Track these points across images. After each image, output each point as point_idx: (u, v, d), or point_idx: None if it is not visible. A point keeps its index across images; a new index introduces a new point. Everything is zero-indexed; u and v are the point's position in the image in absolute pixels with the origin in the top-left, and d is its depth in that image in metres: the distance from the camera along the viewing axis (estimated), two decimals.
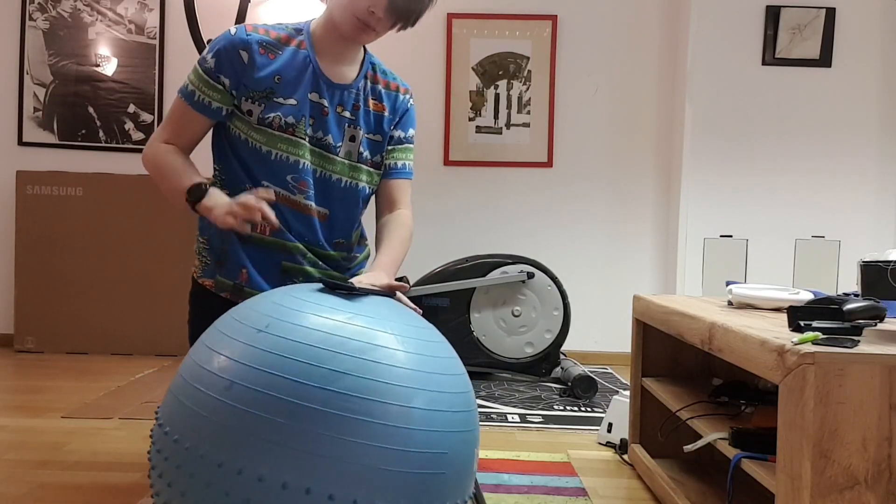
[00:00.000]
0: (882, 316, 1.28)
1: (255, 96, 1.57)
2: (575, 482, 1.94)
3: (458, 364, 1.27)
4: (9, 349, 3.62)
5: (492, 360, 3.26)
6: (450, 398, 1.16)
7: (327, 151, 1.61)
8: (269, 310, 1.17)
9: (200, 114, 1.58)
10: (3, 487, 1.81)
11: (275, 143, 1.57)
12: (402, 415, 1.09)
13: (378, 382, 1.09)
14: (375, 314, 1.19)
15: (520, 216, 3.80)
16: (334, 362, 1.08)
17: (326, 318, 1.14)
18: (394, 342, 1.14)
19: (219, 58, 1.56)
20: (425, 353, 1.18)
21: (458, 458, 1.16)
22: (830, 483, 1.09)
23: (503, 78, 3.76)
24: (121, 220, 3.60)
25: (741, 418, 1.53)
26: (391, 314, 1.22)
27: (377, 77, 1.69)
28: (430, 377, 1.15)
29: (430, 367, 1.16)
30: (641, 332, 2.03)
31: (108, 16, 3.76)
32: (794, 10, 3.54)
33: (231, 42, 1.56)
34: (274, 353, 1.09)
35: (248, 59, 1.55)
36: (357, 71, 1.65)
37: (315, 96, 1.59)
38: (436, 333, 1.28)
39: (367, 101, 1.66)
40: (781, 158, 3.60)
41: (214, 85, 1.56)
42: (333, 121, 1.61)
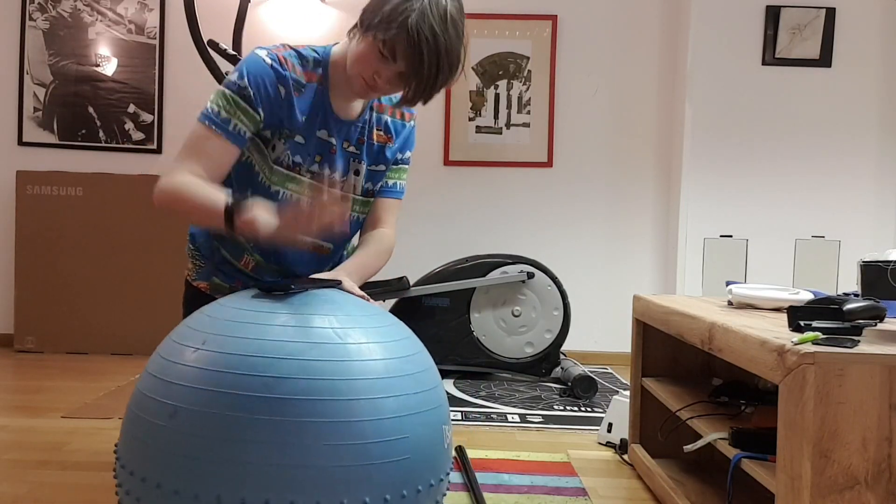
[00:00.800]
0: (882, 316, 1.28)
1: (285, 135, 1.49)
2: (575, 482, 1.94)
3: (413, 344, 1.25)
4: (9, 349, 3.62)
5: (492, 360, 3.26)
6: (402, 382, 1.15)
7: (331, 188, 1.57)
8: (205, 325, 1.16)
9: (234, 145, 1.44)
10: (3, 487, 1.81)
11: (283, 183, 1.52)
12: (350, 409, 1.07)
13: (321, 381, 1.07)
14: (314, 310, 1.17)
15: (520, 216, 3.80)
16: (273, 369, 1.07)
17: (262, 325, 1.13)
18: (334, 336, 1.13)
19: (258, 87, 1.44)
20: (371, 340, 1.16)
21: (421, 440, 1.15)
22: (830, 483, 1.09)
23: (503, 78, 3.76)
24: (121, 220, 3.60)
25: (741, 418, 1.53)
26: (331, 307, 1.20)
27: (382, 106, 1.62)
28: (376, 365, 1.13)
29: (377, 354, 1.15)
30: (641, 332, 2.03)
31: (108, 16, 3.76)
32: (794, 10, 3.54)
33: (268, 74, 1.45)
34: (212, 370, 1.08)
35: (286, 94, 1.46)
36: (363, 104, 1.59)
37: (324, 134, 1.53)
38: (386, 317, 1.26)
39: (371, 134, 1.60)
40: (781, 158, 3.60)
41: (252, 114, 1.44)
42: (340, 157, 1.57)
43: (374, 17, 1.37)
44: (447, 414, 1.28)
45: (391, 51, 1.36)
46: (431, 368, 1.27)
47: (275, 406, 1.05)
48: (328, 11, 3.77)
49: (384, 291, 3.16)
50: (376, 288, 3.15)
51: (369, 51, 1.38)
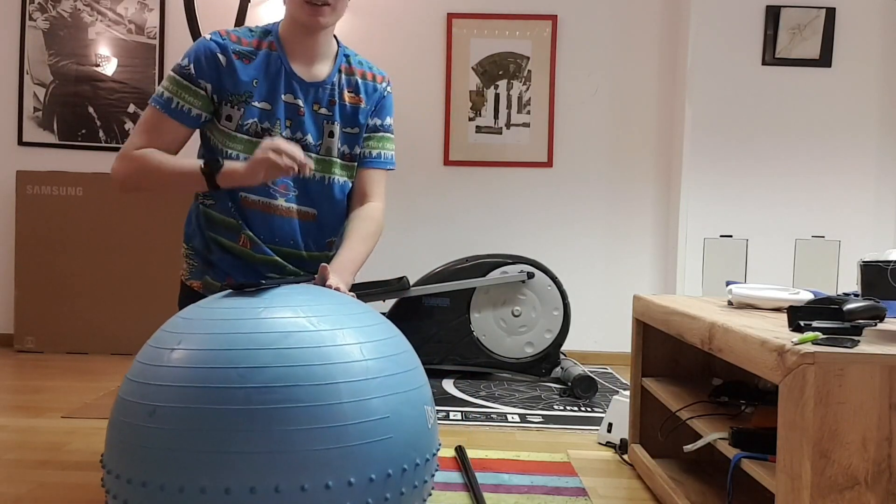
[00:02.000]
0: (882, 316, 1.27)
1: (235, 100, 1.55)
2: (575, 482, 1.94)
3: (387, 328, 1.28)
4: (9, 349, 3.62)
5: (492, 360, 3.26)
6: (378, 364, 1.17)
7: (307, 151, 1.59)
8: (180, 327, 1.19)
9: (178, 121, 1.55)
10: (3, 487, 1.81)
11: (251, 150, 1.54)
12: (328, 392, 1.09)
13: (297, 367, 1.09)
14: (285, 302, 1.20)
15: (520, 216, 3.80)
16: (249, 359, 1.09)
17: (236, 319, 1.15)
18: (307, 324, 1.16)
19: (198, 63, 1.54)
20: (344, 325, 1.19)
21: (403, 419, 1.16)
22: (830, 483, 1.09)
23: (503, 78, 3.76)
24: (121, 220, 3.60)
25: (741, 418, 1.53)
26: (303, 298, 1.23)
27: (352, 68, 1.67)
28: (351, 349, 1.16)
29: (351, 339, 1.17)
30: (641, 332, 2.03)
31: (108, 16, 3.76)
32: (794, 10, 3.54)
33: (208, 47, 1.55)
34: (189, 367, 1.10)
35: (227, 62, 1.55)
36: (331, 66, 1.63)
37: (290, 97, 1.58)
38: (357, 305, 1.29)
39: (342, 95, 1.64)
40: (781, 158, 3.60)
41: (195, 90, 1.54)
42: (311, 120, 1.60)
43: None
44: (429, 395, 1.30)
45: None
46: (409, 352, 1.29)
47: (254, 395, 1.06)
48: None
49: (384, 291, 3.16)
50: (376, 288, 3.15)
51: None
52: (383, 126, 1.71)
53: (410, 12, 3.76)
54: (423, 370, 1.31)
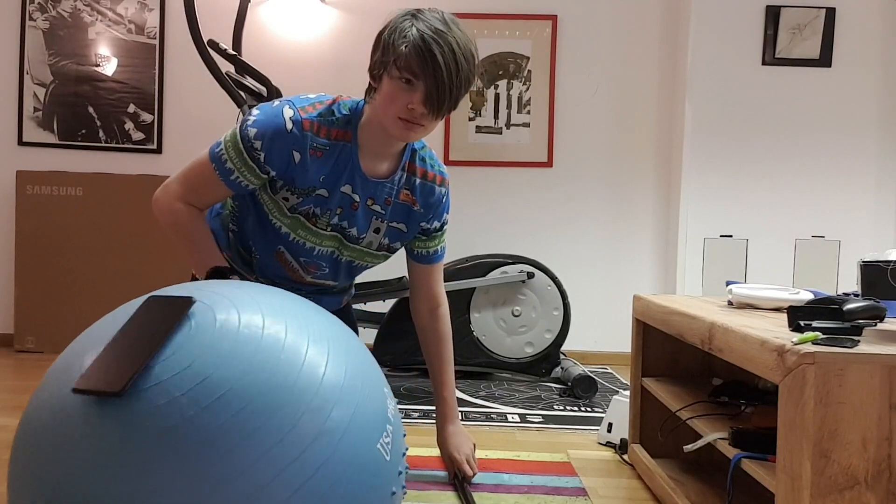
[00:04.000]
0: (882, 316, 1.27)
1: (299, 192, 1.52)
2: (575, 482, 1.94)
3: (319, 350, 1.04)
4: (9, 349, 3.62)
5: (492, 360, 3.26)
6: (320, 445, 0.96)
7: (348, 241, 1.60)
8: (46, 476, 0.96)
9: (231, 190, 1.51)
10: (3, 487, 1.81)
11: (296, 229, 1.55)
12: None
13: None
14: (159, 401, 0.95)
15: (520, 216, 3.80)
16: None
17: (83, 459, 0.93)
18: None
19: (270, 152, 1.46)
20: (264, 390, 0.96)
21: (359, 496, 1.00)
22: (830, 483, 1.09)
23: (503, 78, 3.76)
24: (121, 220, 3.60)
25: (741, 418, 1.53)
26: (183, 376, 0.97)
27: (415, 167, 1.63)
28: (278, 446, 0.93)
29: (276, 427, 0.94)
30: (641, 332, 2.03)
31: (108, 16, 3.76)
32: (794, 9, 3.54)
33: (285, 140, 1.46)
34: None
35: (300, 160, 1.48)
36: (396, 162, 1.60)
37: (348, 189, 1.55)
38: (292, 330, 1.05)
39: (399, 194, 1.62)
40: (781, 158, 3.60)
41: (258, 174, 1.48)
42: (362, 214, 1.59)
43: (381, 58, 1.42)
44: (383, 416, 1.08)
45: (409, 70, 1.38)
46: (349, 375, 1.05)
47: None
48: (328, 11, 3.77)
49: (384, 291, 3.15)
50: (376, 288, 3.15)
51: (391, 86, 1.41)
52: (442, 228, 1.77)
53: None
54: (374, 374, 1.12)
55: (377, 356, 3.27)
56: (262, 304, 1.08)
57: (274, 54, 3.74)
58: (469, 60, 1.41)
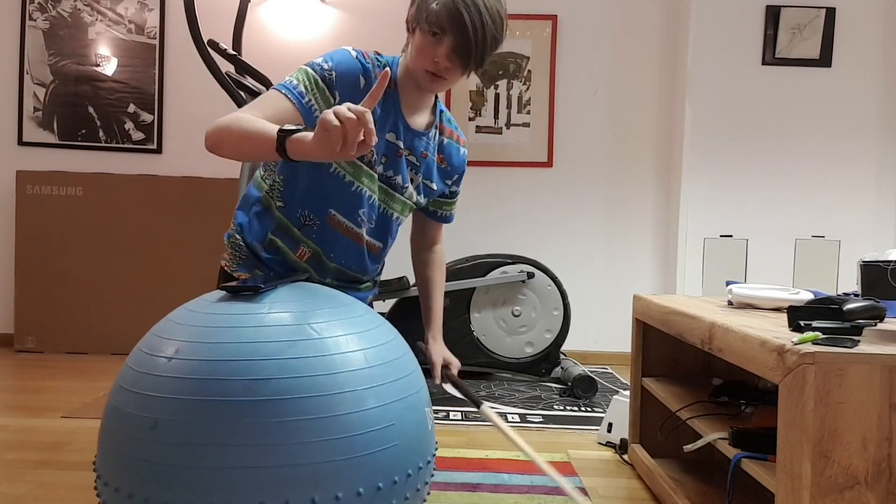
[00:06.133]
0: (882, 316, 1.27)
1: None
2: (575, 482, 1.94)
3: (387, 331, 1.27)
4: (9, 349, 3.62)
5: (492, 359, 3.26)
6: (382, 370, 1.16)
7: (393, 190, 1.62)
8: (174, 332, 1.15)
9: (302, 115, 1.47)
10: (3, 487, 1.81)
11: (360, 177, 1.56)
12: (334, 404, 1.08)
13: (302, 378, 1.08)
14: (286, 308, 1.18)
15: (520, 216, 3.80)
16: (253, 371, 1.06)
17: (236, 327, 1.12)
18: (310, 332, 1.14)
19: (340, 75, 1.48)
20: (347, 331, 1.18)
21: (407, 425, 1.16)
22: (830, 483, 1.09)
23: (503, 78, 3.76)
24: (121, 220, 3.60)
25: (741, 418, 1.53)
26: (304, 303, 1.21)
27: (443, 126, 1.71)
28: (355, 356, 1.15)
29: (354, 345, 1.16)
30: (641, 332, 2.03)
31: (108, 16, 3.76)
32: (794, 10, 3.54)
33: (353, 64, 1.50)
34: (190, 379, 1.07)
35: (365, 86, 1.50)
36: (429, 119, 1.66)
37: (392, 136, 1.58)
38: (358, 307, 1.28)
39: (433, 152, 1.69)
40: (781, 158, 3.60)
41: (328, 97, 1.48)
42: (404, 163, 1.62)
43: (415, 13, 1.51)
44: (428, 397, 1.29)
45: (438, 26, 1.46)
46: (408, 354, 1.28)
47: (261, 409, 1.04)
48: (328, 11, 3.77)
49: (384, 291, 3.16)
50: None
51: (422, 40, 1.49)
52: (458, 191, 1.84)
53: None
54: (420, 371, 1.31)
55: None
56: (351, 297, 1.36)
57: (274, 54, 3.74)
58: (496, 21, 1.50)
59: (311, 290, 1.27)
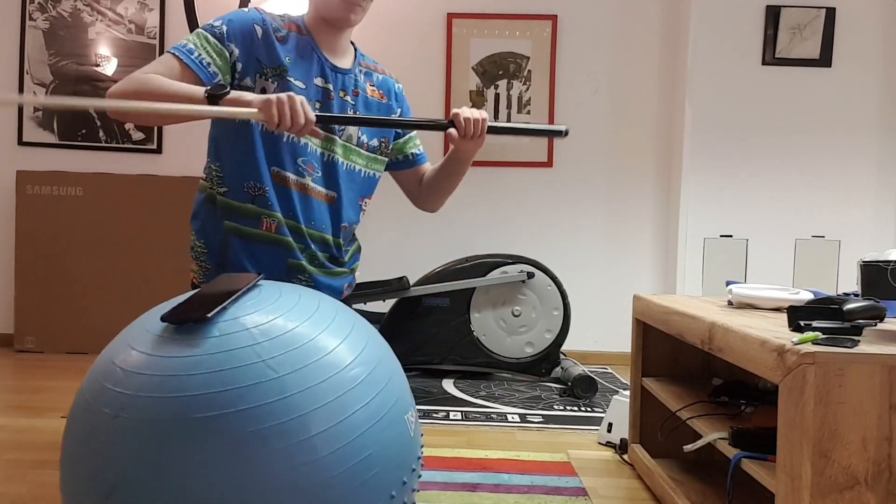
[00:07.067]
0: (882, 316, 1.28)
1: (269, 73, 1.55)
2: (575, 482, 1.94)
3: (359, 337, 1.16)
4: (9, 349, 3.62)
5: (492, 359, 3.26)
6: (354, 395, 1.07)
7: (332, 135, 1.62)
8: (119, 382, 1.05)
9: (193, 71, 1.50)
10: (3, 487, 1.81)
11: None
12: (303, 451, 1.00)
13: (263, 429, 0.99)
14: (239, 340, 1.06)
15: (520, 216, 3.80)
16: (205, 430, 0.99)
17: (181, 376, 1.02)
18: (267, 371, 1.03)
19: (231, 27, 1.54)
20: (310, 359, 1.06)
21: (387, 444, 1.09)
22: (830, 483, 1.09)
23: (503, 78, 3.76)
24: (121, 220, 3.60)
25: (741, 418, 1.53)
26: (260, 328, 1.08)
27: (368, 65, 1.74)
28: (321, 388, 1.04)
29: (319, 375, 1.05)
30: (641, 332, 2.03)
31: (108, 16, 3.76)
32: (794, 10, 3.54)
33: (245, 16, 1.57)
34: (140, 438, 1.00)
35: (263, 34, 1.56)
36: (352, 60, 1.70)
37: (321, 81, 1.61)
38: (325, 314, 1.16)
39: (364, 88, 1.70)
40: (781, 158, 3.60)
41: (221, 50, 1.52)
42: (337, 105, 1.64)
43: None
44: (408, 398, 1.20)
45: None
46: (383, 356, 1.19)
47: (217, 468, 0.98)
48: None
49: (384, 291, 3.15)
50: (376, 288, 3.15)
51: None
52: None
53: (410, 12, 3.76)
54: (399, 369, 1.23)
55: None
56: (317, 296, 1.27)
57: None
58: None
59: (266, 305, 1.14)
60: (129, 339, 1.13)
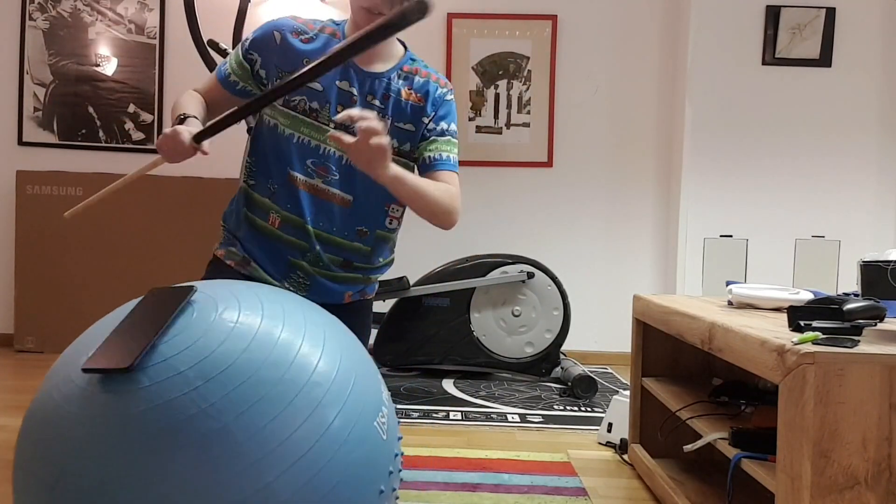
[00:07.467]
0: (882, 316, 1.28)
1: (284, 76, 1.60)
2: (575, 482, 1.94)
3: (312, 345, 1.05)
4: (9, 349, 3.62)
5: (492, 359, 3.26)
6: (314, 422, 0.98)
7: (347, 134, 1.62)
8: (49, 446, 0.98)
9: (219, 81, 1.68)
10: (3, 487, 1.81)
11: (297, 127, 1.61)
12: (257, 501, 0.92)
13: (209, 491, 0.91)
14: (172, 388, 0.96)
15: (520, 216, 3.80)
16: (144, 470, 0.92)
17: (102, 456, 0.94)
18: (208, 422, 0.94)
19: (254, 37, 1.64)
20: (258, 395, 0.96)
21: (358, 462, 1.01)
22: (830, 483, 1.09)
23: (503, 78, 3.76)
24: (121, 221, 3.60)
25: (741, 418, 1.53)
26: (196, 368, 0.98)
27: (416, 69, 1.70)
28: (273, 428, 0.95)
29: (268, 411, 0.96)
30: (641, 332, 2.03)
31: (108, 16, 3.76)
32: (794, 9, 3.54)
33: (269, 24, 1.65)
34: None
35: (281, 39, 1.61)
36: (392, 64, 1.67)
37: (345, 84, 1.62)
38: (272, 331, 1.05)
39: (399, 91, 1.66)
40: (781, 158, 3.60)
41: (241, 60, 1.64)
42: (366, 109, 1.61)
43: None
44: (376, 400, 1.10)
45: None
46: (341, 362, 1.08)
47: None
48: (328, 11, 3.76)
49: (384, 291, 3.15)
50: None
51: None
52: (448, 131, 1.70)
53: None
54: (363, 364, 1.14)
55: (377, 356, 3.27)
56: (261, 297, 1.14)
57: None
58: None
59: (200, 334, 1.02)
60: (57, 385, 1.03)
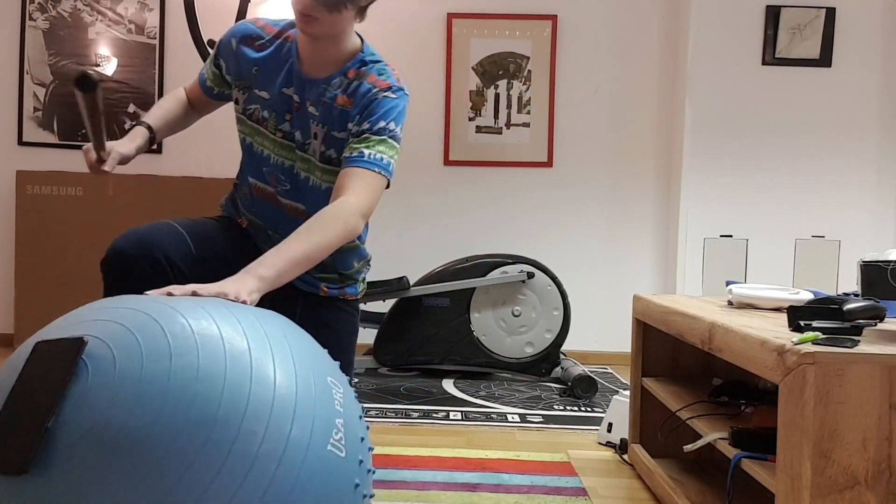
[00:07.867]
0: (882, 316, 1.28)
1: (239, 85, 1.63)
2: (575, 482, 1.94)
3: (236, 389, 0.90)
4: (9, 349, 3.62)
5: (492, 359, 3.26)
6: (249, 485, 0.87)
7: (298, 148, 1.60)
8: None
9: (199, 82, 1.74)
10: None
11: (253, 135, 1.64)
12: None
13: None
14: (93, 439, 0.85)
15: (520, 216, 3.80)
16: None
17: None
18: (131, 480, 0.84)
19: (220, 42, 1.67)
20: (173, 460, 0.85)
21: (315, 499, 0.93)
22: (830, 483, 1.09)
23: (503, 78, 3.76)
24: (121, 220, 3.59)
25: (741, 418, 1.53)
26: (114, 404, 0.87)
27: (360, 72, 1.56)
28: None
29: (197, 484, 0.84)
30: (641, 332, 2.03)
31: (108, 16, 3.76)
32: (794, 9, 3.54)
33: (229, 31, 1.66)
34: None
35: (236, 47, 1.62)
36: (336, 68, 1.57)
37: (290, 91, 1.58)
38: (186, 366, 0.91)
39: (335, 98, 1.56)
40: (781, 158, 3.60)
41: (212, 67, 1.69)
42: (305, 118, 1.58)
43: None
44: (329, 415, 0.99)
45: None
46: (281, 387, 0.94)
47: None
48: None
49: (384, 291, 3.16)
50: (376, 288, 3.15)
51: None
52: (372, 130, 1.52)
53: (410, 12, 3.76)
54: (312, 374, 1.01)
55: (377, 356, 3.27)
56: (165, 326, 0.95)
57: None
58: None
59: (104, 398, 0.88)
60: None
